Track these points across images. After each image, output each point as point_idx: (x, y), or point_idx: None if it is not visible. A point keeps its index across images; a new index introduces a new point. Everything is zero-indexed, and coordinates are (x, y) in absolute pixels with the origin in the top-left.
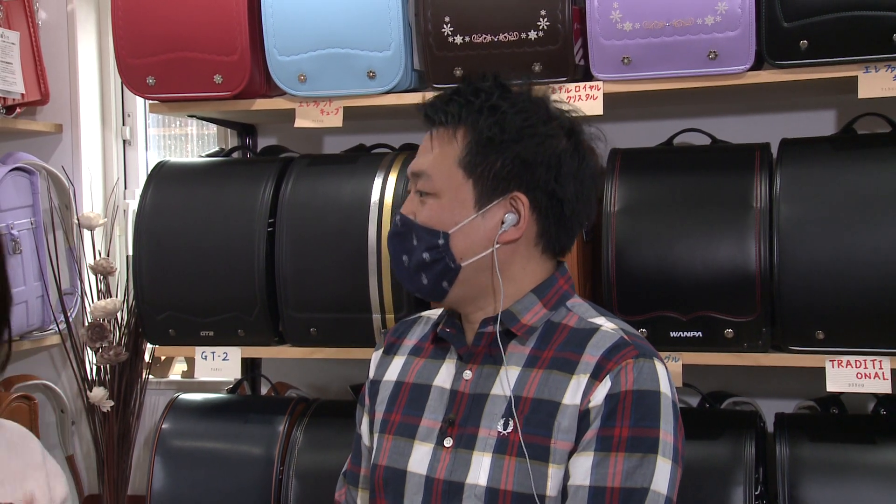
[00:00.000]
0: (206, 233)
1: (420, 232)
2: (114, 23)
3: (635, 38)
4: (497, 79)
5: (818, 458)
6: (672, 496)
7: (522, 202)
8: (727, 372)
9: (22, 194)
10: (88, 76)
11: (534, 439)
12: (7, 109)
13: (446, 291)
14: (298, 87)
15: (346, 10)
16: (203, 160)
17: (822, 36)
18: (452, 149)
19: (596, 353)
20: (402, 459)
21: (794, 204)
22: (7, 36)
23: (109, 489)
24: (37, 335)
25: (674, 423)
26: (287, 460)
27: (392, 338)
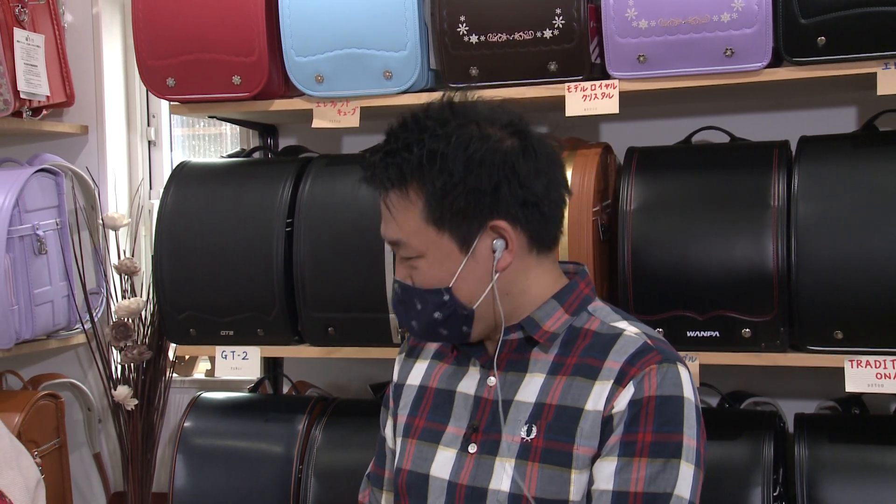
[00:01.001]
0: (226, 233)
1: (423, 295)
2: (134, 25)
3: (651, 35)
4: (417, 119)
5: (838, 459)
6: (695, 501)
7: (503, 227)
8: (747, 372)
9: (47, 195)
10: (113, 78)
11: (556, 445)
12: (33, 111)
13: (469, 333)
14: (316, 88)
15: (362, 10)
16: (223, 161)
17: (839, 32)
18: (412, 210)
19: (619, 359)
20: (426, 464)
21: (813, 202)
22: (32, 39)
23: (134, 486)
24: (63, 334)
25: (696, 428)
26: (306, 459)
27: (415, 341)
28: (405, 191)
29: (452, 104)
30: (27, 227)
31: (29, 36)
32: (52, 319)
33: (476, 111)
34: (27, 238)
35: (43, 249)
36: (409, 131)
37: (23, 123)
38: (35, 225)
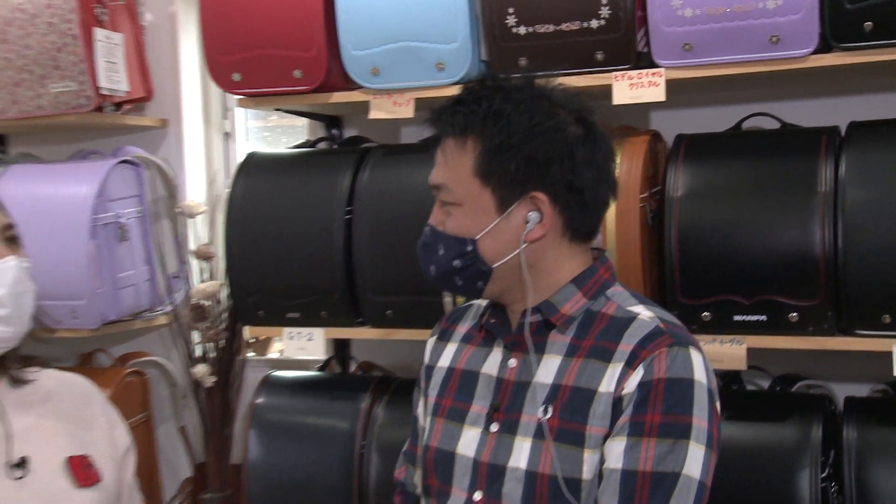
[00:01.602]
0: (290, 220)
1: (449, 241)
2: (202, 23)
3: (696, 24)
4: (496, 80)
5: (888, 442)
6: (706, 481)
7: (542, 200)
8: (799, 356)
9: (129, 185)
10: (190, 73)
11: (570, 426)
12: (115, 106)
13: (481, 290)
14: (372, 80)
15: (415, 4)
16: (289, 151)
17: (887, 17)
18: (465, 159)
19: (631, 342)
20: (452, 442)
21: (861, 187)
22: (112, 37)
23: (214, 458)
24: (147, 315)
25: (708, 410)
26: (368, 435)
27: (446, 324)
28: (464, 140)
29: (533, 80)
30: (110, 216)
31: (109, 35)
32: (136, 301)
33: (552, 92)
34: (110, 225)
35: (125, 236)
36: (485, 88)
37: (105, 118)
38: (117, 213)
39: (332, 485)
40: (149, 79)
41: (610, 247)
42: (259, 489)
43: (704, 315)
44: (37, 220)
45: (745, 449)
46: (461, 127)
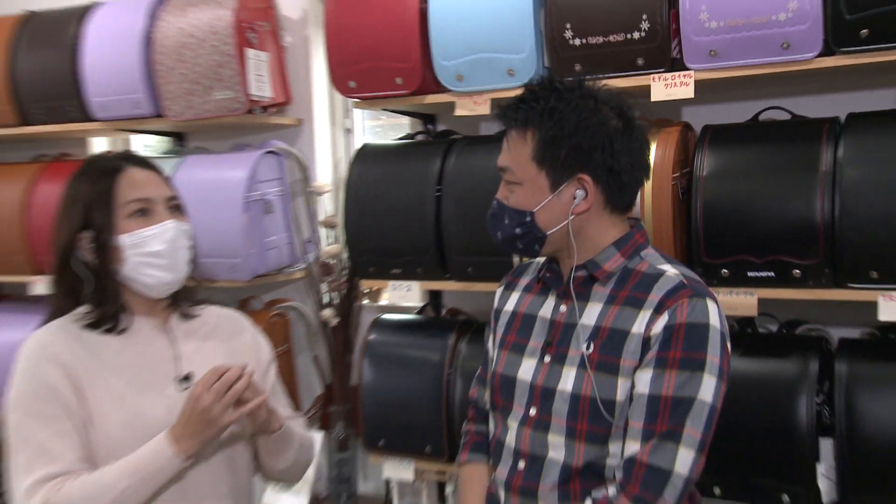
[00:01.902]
0: (394, 196)
1: (512, 213)
2: (327, 44)
3: (720, 34)
4: (552, 82)
5: (872, 373)
6: (716, 404)
7: (587, 181)
8: (802, 305)
9: (273, 170)
10: (320, 83)
11: (608, 359)
12: (263, 109)
13: (538, 252)
14: (457, 85)
15: (491, 22)
16: (393, 142)
17: (880, 25)
18: (525, 147)
19: (659, 294)
20: (514, 369)
21: (855, 167)
22: (260, 56)
23: (338, 380)
24: (287, 270)
25: (720, 349)
26: (453, 365)
27: (510, 278)
28: (524, 131)
29: (583, 82)
30: (258, 194)
31: (258, 53)
32: (278, 260)
33: (597, 92)
34: (259, 202)
35: (270, 209)
36: (543, 89)
37: (254, 118)
38: (264, 192)
39: (426, 402)
40: (288, 87)
41: (647, 217)
42: (370, 404)
43: (723, 272)
44: (204, 198)
45: (756, 378)
46: (522, 121)
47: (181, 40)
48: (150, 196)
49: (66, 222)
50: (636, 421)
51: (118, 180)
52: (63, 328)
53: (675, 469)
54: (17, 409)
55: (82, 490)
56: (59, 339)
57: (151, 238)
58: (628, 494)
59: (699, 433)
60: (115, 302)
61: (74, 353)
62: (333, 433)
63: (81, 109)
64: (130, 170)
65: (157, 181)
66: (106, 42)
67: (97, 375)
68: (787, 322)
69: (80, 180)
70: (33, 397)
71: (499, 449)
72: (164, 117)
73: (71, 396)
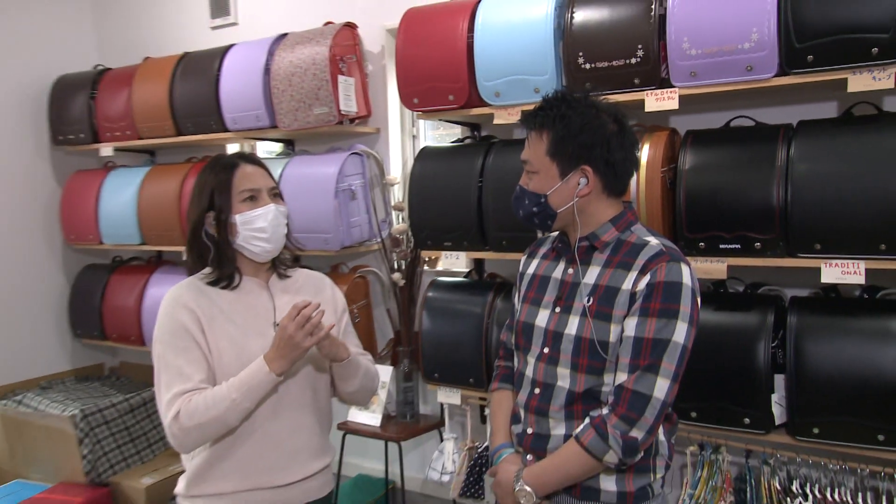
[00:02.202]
0: (446, 187)
1: (530, 195)
2: (397, 71)
3: (699, 59)
4: (563, 95)
5: (814, 324)
6: (687, 344)
7: (588, 171)
8: (762, 270)
9: (357, 166)
10: (393, 100)
11: (604, 309)
12: (350, 121)
13: (550, 226)
14: (495, 100)
15: (521, 52)
16: (447, 145)
17: (822, 52)
18: (541, 144)
19: (644, 259)
20: (532, 318)
21: (804, 163)
22: (348, 80)
23: (405, 327)
24: (367, 243)
25: (691, 301)
26: (491, 316)
27: (532, 248)
28: (541, 132)
29: (588, 95)
30: (345, 185)
31: (346, 79)
32: (360, 235)
33: (598, 103)
34: (346, 191)
35: (354, 197)
36: (556, 100)
37: (343, 128)
38: (350, 184)
39: (470, 344)
40: (369, 104)
41: (641, 201)
42: (429, 345)
43: (700, 244)
44: (306, 187)
45: (726, 328)
46: (539, 124)
47: (290, 70)
48: (258, 186)
49: (197, 204)
50: (624, 357)
51: (235, 173)
52: (191, 284)
53: (653, 394)
54: (160, 342)
55: (205, 400)
56: (189, 292)
57: (257, 217)
58: (617, 413)
59: (673, 366)
60: (231, 265)
61: (199, 303)
62: (401, 367)
63: (220, 123)
64: (244, 165)
65: (263, 174)
66: (237, 73)
67: (216, 321)
68: (751, 284)
69: (206, 173)
70: (171, 334)
71: (520, 379)
72: (278, 128)
73: (198, 333)
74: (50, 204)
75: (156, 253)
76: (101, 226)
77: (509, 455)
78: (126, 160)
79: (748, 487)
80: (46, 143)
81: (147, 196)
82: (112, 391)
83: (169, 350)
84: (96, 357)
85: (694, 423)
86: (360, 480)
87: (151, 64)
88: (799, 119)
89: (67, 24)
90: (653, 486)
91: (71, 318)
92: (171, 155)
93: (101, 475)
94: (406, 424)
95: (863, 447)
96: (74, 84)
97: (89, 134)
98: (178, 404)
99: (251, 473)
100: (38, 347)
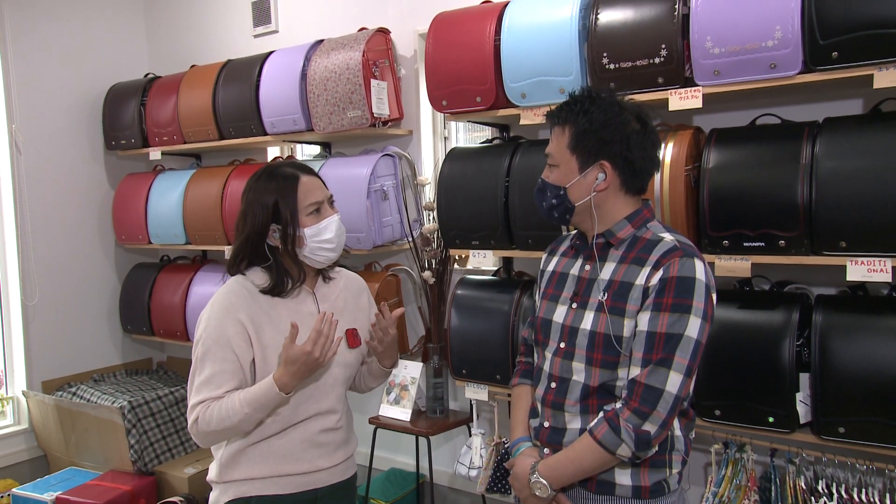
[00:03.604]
0: (474, 186)
1: (551, 188)
2: (427, 74)
3: (722, 57)
4: (589, 92)
5: (840, 322)
6: (701, 339)
7: (606, 166)
8: (788, 268)
9: (389, 168)
10: (425, 103)
11: (618, 304)
12: (383, 123)
13: (568, 220)
14: (521, 101)
15: (547, 53)
16: (476, 146)
17: (847, 48)
18: (564, 138)
19: (657, 254)
20: (551, 314)
21: (829, 160)
22: (381, 84)
23: (434, 324)
24: (399, 242)
25: (705, 296)
26: (517, 312)
27: (553, 245)
28: (564, 127)
29: (613, 93)
30: (378, 185)
31: (379, 83)
32: (392, 234)
33: (621, 101)
34: (378, 191)
35: (386, 197)
36: (582, 97)
37: (376, 130)
38: (382, 184)
39: (497, 342)
40: (401, 107)
41: (665, 199)
42: (457, 342)
43: (724, 242)
44: (340, 188)
45: (751, 326)
46: (563, 119)
47: (325, 75)
48: (320, 199)
49: (258, 215)
50: (637, 351)
51: (298, 187)
52: (243, 287)
53: (666, 388)
54: (203, 344)
55: (219, 412)
56: (240, 299)
57: (324, 230)
58: (630, 407)
59: (686, 361)
60: (289, 275)
61: (250, 310)
62: (430, 363)
63: (259, 127)
64: (304, 178)
65: (321, 185)
66: (276, 79)
67: (263, 329)
68: (778, 282)
69: (265, 183)
70: (215, 341)
71: (539, 374)
72: (314, 131)
73: (241, 345)
74: (103, 206)
75: (200, 252)
76: (150, 226)
77: (527, 448)
78: (173, 163)
79: (773, 486)
80: (101, 147)
81: (192, 198)
82: (159, 384)
83: (209, 356)
84: (145, 352)
85: (718, 422)
86: (392, 474)
87: (197, 71)
88: (824, 116)
89: (121, 35)
90: (668, 481)
91: (122, 315)
92: (214, 158)
93: (147, 464)
94: (436, 420)
95: (890, 447)
96: (126, 91)
97: (139, 139)
98: (197, 410)
99: (280, 462)
100: (92, 342)
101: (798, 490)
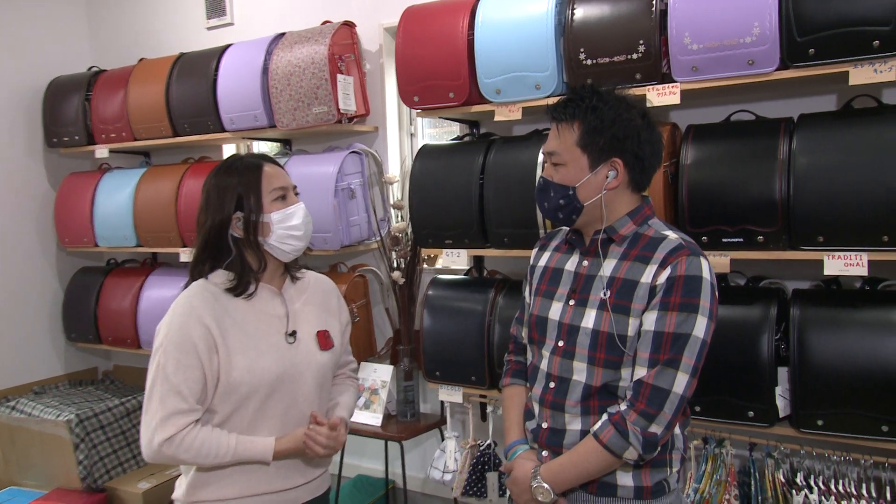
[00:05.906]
0: (447, 184)
1: (556, 188)
2: (397, 68)
3: (700, 54)
4: (594, 87)
5: (817, 315)
6: (707, 339)
7: (618, 164)
8: (764, 263)
9: (356, 165)
10: (391, 98)
11: (621, 302)
12: (349, 119)
13: (575, 220)
14: (496, 97)
15: (522, 48)
16: (447, 142)
17: (823, 45)
18: (571, 135)
19: (663, 252)
20: (546, 311)
21: (805, 156)
22: (347, 79)
23: (404, 326)
24: (367, 242)
25: (710, 296)
26: (493, 313)
27: (543, 241)
28: (572, 123)
29: (616, 89)
30: (345, 184)
31: (345, 77)
32: (360, 234)
33: (626, 97)
34: (345, 190)
35: (353, 196)
36: (587, 91)
37: (342, 126)
38: (349, 183)
39: (471, 342)
40: (367, 102)
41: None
42: (430, 343)
43: (703, 238)
44: (304, 187)
45: (729, 321)
46: (570, 115)
47: (289, 70)
48: (285, 185)
49: (220, 206)
50: (643, 351)
51: (262, 174)
52: (206, 290)
53: (673, 389)
54: (164, 351)
55: (208, 446)
56: (203, 303)
57: (292, 215)
58: (636, 409)
59: (693, 361)
60: (253, 268)
61: (214, 314)
62: (401, 366)
63: (217, 123)
64: (267, 165)
65: (285, 174)
66: (235, 73)
67: (229, 333)
68: (753, 277)
69: (226, 175)
70: (178, 347)
71: (535, 373)
72: (276, 127)
73: (206, 351)
74: (44, 207)
75: (150, 255)
76: (97, 228)
77: (524, 451)
78: (120, 162)
79: (752, 480)
80: (40, 145)
81: (144, 197)
82: (107, 395)
83: (171, 363)
84: (90, 361)
85: (699, 418)
86: (360, 481)
87: (147, 65)
88: (798, 112)
89: (62, 26)
90: (669, 480)
91: (65, 322)
92: (165, 156)
93: (97, 480)
94: (407, 424)
95: (866, 438)
96: (69, 86)
97: (84, 135)
98: (175, 428)
99: (255, 481)
100: (32, 352)
101: (777, 483)
